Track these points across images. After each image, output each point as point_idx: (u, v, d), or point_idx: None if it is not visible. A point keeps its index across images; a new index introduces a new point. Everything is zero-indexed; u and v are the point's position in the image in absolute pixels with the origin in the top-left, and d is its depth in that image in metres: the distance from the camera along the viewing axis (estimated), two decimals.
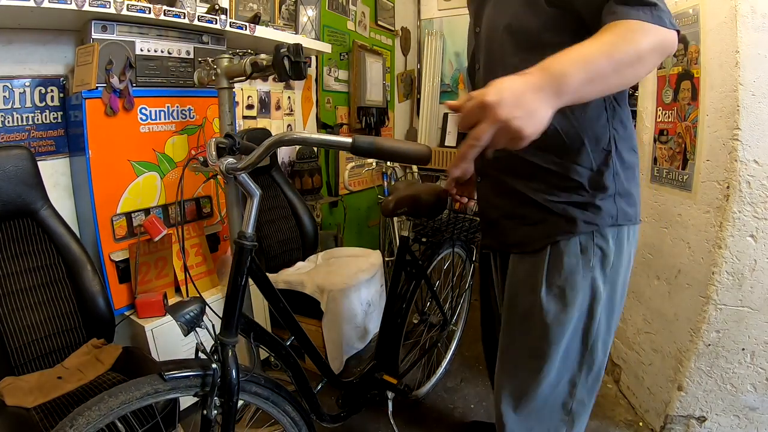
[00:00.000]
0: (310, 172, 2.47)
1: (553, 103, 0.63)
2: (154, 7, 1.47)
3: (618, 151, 0.85)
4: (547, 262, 0.88)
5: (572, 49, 0.65)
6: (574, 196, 0.85)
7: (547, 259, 0.88)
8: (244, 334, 0.98)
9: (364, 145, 0.76)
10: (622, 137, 0.86)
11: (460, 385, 1.89)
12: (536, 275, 0.89)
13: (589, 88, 0.65)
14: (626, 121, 0.88)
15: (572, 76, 0.63)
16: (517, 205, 0.92)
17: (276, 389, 1.02)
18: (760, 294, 1.32)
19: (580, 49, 0.65)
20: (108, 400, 0.78)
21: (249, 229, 0.92)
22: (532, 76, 0.62)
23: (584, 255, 0.86)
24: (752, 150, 1.25)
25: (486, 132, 0.60)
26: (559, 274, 0.87)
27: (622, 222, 0.86)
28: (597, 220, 0.85)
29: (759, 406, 1.42)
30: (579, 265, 0.86)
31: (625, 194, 0.87)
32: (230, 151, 0.96)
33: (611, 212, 0.85)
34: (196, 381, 0.88)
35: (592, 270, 0.86)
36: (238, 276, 0.93)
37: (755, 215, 1.27)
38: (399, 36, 3.52)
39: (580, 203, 0.85)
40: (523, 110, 0.60)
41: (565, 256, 0.86)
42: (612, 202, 0.85)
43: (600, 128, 0.84)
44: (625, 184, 0.87)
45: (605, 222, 0.85)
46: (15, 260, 1.23)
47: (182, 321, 0.86)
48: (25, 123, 1.43)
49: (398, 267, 1.48)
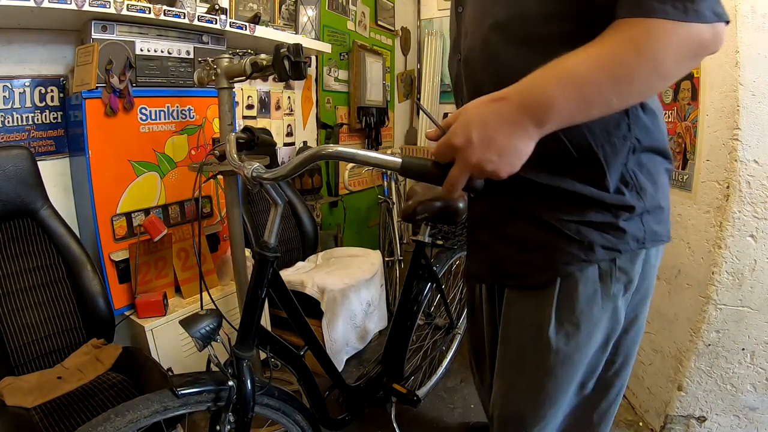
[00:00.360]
0: (310, 172, 2.46)
1: (534, 135, 0.54)
2: (154, 7, 1.47)
3: (640, 163, 0.68)
4: (557, 297, 0.70)
5: (562, 62, 0.52)
6: (591, 214, 0.67)
7: (556, 294, 0.70)
8: (261, 347, 0.95)
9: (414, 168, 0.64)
10: (647, 145, 0.68)
11: (460, 385, 1.89)
12: (542, 313, 0.71)
13: (582, 114, 0.54)
14: (651, 124, 0.69)
15: (559, 101, 0.51)
16: (515, 223, 0.73)
17: (289, 400, 1.00)
18: (760, 294, 1.32)
19: (573, 62, 0.52)
20: (114, 419, 0.75)
21: (272, 240, 0.87)
22: (507, 104, 0.53)
23: (604, 282, 0.69)
24: (752, 150, 1.25)
25: (460, 177, 0.56)
26: (572, 308, 0.70)
27: (650, 245, 0.70)
28: (620, 245, 0.68)
29: (759, 406, 1.42)
30: (598, 294, 0.69)
31: (654, 210, 0.70)
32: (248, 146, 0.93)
33: (637, 235, 0.68)
34: (210, 396, 0.85)
35: (614, 299, 0.70)
36: (258, 288, 0.88)
37: (755, 215, 1.27)
38: (399, 36, 3.52)
39: (598, 223, 0.67)
40: (496, 151, 0.53)
41: (581, 284, 0.69)
42: (639, 222, 0.68)
43: (619, 139, 0.66)
44: (654, 197, 0.69)
45: (629, 247, 0.68)
46: (15, 260, 1.23)
47: (197, 336, 0.82)
48: (25, 123, 1.43)
49: (412, 271, 1.45)
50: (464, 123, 0.55)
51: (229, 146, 0.89)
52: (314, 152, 0.72)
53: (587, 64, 0.52)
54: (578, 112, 0.53)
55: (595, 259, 0.68)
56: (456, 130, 0.55)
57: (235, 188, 1.48)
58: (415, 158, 0.65)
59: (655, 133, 0.69)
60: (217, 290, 1.74)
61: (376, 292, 2.07)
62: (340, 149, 0.71)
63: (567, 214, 0.68)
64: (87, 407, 1.08)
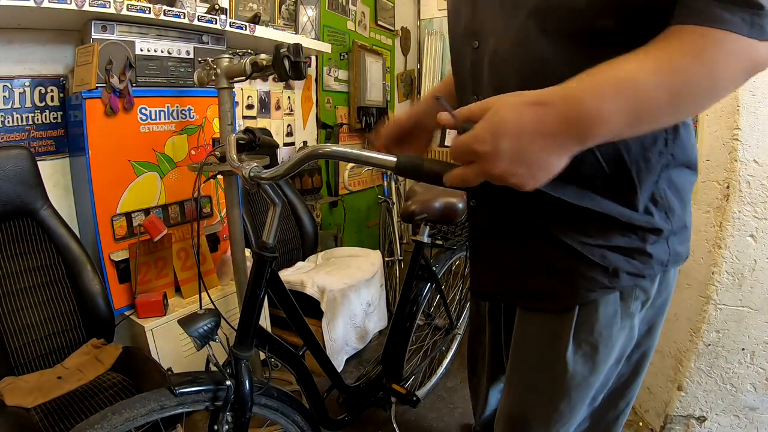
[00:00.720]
0: (310, 172, 2.47)
1: (572, 151, 0.46)
2: (154, 7, 1.47)
3: (670, 180, 0.63)
4: (576, 321, 0.66)
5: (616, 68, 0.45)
6: (617, 238, 0.62)
7: (575, 318, 0.66)
8: (260, 347, 0.95)
9: (409, 166, 0.64)
10: (681, 161, 0.63)
11: (460, 385, 1.89)
12: (560, 336, 0.68)
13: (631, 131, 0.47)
14: (687, 137, 0.63)
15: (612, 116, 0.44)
16: (532, 244, 0.67)
17: (287, 401, 1.00)
18: (760, 294, 1.32)
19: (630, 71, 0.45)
20: (111, 417, 0.75)
21: (270, 240, 0.88)
22: (550, 112, 0.44)
23: (624, 302, 0.66)
24: (752, 150, 1.25)
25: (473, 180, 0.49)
26: (591, 330, 0.66)
27: (671, 266, 0.66)
28: (645, 270, 0.63)
29: (759, 406, 1.42)
30: (617, 315, 0.66)
31: (679, 230, 0.65)
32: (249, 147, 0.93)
33: (663, 259, 0.64)
34: (207, 396, 0.85)
35: (632, 316, 0.67)
36: (257, 288, 0.88)
37: (755, 215, 1.27)
38: (399, 36, 3.52)
39: (624, 249, 0.62)
40: (526, 165, 0.45)
41: (601, 307, 0.65)
42: (665, 245, 0.64)
43: (654, 156, 0.60)
44: (681, 217, 0.65)
45: (654, 272, 0.64)
46: (15, 260, 1.23)
47: (195, 336, 0.82)
48: (25, 123, 1.43)
49: (412, 271, 1.46)
50: (494, 127, 0.45)
51: (229, 147, 0.89)
52: (310, 152, 0.72)
53: (647, 74, 0.44)
54: (627, 128, 0.46)
55: (619, 286, 0.64)
56: (483, 136, 0.45)
57: (235, 188, 1.48)
58: (410, 157, 0.64)
59: (688, 147, 0.64)
60: (217, 290, 1.74)
61: (376, 292, 2.07)
62: (335, 148, 0.71)
63: (591, 237, 0.62)
64: (87, 407, 1.08)
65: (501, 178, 0.47)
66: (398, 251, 2.54)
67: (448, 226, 1.56)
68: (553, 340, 0.68)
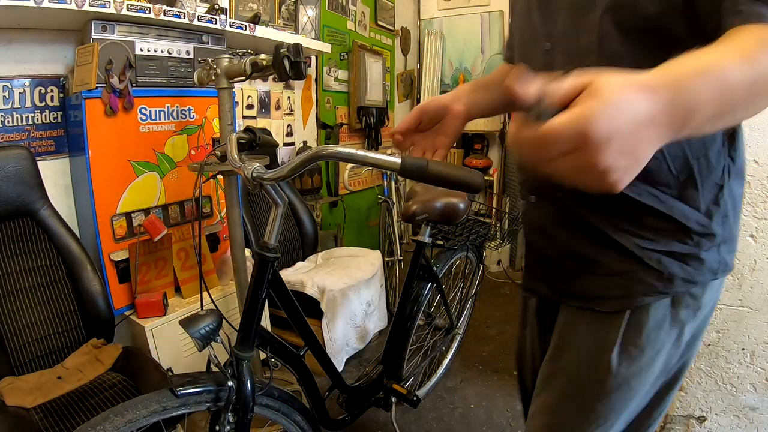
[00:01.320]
0: (310, 172, 2.47)
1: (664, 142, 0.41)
2: (154, 7, 1.47)
3: (730, 187, 0.64)
4: (626, 322, 0.67)
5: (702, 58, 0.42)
6: (674, 243, 0.63)
7: (626, 319, 0.67)
8: (262, 348, 0.95)
9: (414, 168, 0.64)
10: (738, 166, 0.65)
11: (460, 385, 1.89)
12: (608, 336, 0.68)
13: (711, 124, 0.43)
14: (740, 142, 0.65)
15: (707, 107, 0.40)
16: (589, 244, 0.68)
17: (288, 401, 1.00)
18: (760, 294, 1.32)
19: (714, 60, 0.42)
20: (113, 418, 0.75)
21: (273, 240, 0.87)
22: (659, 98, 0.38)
23: (675, 308, 0.66)
24: (752, 150, 1.25)
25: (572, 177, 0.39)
26: (639, 332, 0.66)
27: (720, 276, 0.67)
28: (697, 276, 0.64)
29: (759, 406, 1.42)
30: (667, 320, 0.66)
31: (729, 239, 0.66)
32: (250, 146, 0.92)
33: (713, 266, 0.65)
34: (209, 397, 0.85)
35: (681, 324, 0.67)
36: (259, 289, 0.88)
37: (755, 215, 1.27)
38: (399, 36, 3.52)
39: (680, 254, 0.63)
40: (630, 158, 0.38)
41: (652, 310, 0.66)
42: (716, 252, 0.65)
43: (714, 155, 0.61)
44: (733, 226, 0.67)
45: (705, 279, 0.65)
46: (15, 260, 1.23)
47: (198, 336, 0.82)
48: (25, 123, 1.43)
49: (412, 271, 1.45)
50: (611, 108, 0.36)
51: (230, 146, 0.88)
52: (314, 153, 0.72)
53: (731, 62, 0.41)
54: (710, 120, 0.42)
55: (672, 292, 0.64)
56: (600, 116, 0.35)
57: (235, 188, 1.48)
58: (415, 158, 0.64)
59: (741, 153, 0.65)
60: (217, 290, 1.74)
61: (376, 292, 2.07)
62: (339, 149, 0.70)
63: (649, 240, 0.63)
64: (87, 407, 1.08)
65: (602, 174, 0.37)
66: (398, 251, 2.54)
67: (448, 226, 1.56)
68: (601, 340, 0.68)
